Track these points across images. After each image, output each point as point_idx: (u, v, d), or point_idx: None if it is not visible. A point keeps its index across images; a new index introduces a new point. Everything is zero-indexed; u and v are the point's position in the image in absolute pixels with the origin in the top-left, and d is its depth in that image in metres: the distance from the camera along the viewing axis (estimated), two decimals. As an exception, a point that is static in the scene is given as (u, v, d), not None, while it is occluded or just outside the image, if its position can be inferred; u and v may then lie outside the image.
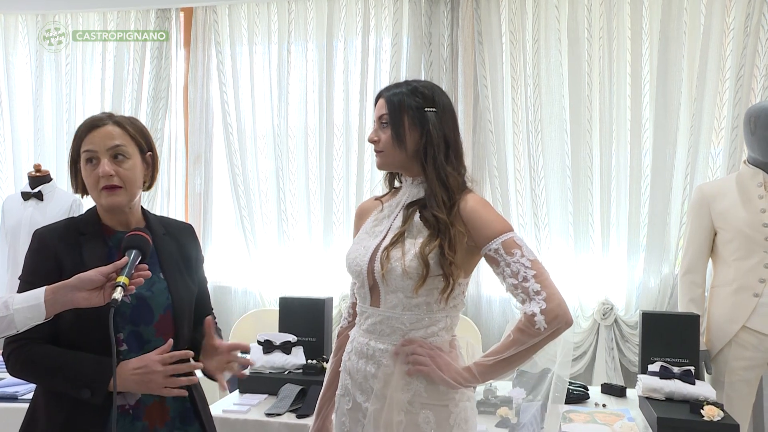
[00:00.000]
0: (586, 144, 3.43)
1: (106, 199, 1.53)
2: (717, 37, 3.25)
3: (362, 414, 1.58)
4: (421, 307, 1.54)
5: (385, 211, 1.66)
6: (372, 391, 1.56)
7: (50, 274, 1.44)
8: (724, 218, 2.58)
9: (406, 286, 1.52)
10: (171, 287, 1.58)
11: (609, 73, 3.41)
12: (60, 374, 1.46)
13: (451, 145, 1.58)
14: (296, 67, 3.86)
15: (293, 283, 3.78)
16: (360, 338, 1.62)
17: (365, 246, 1.62)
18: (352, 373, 1.61)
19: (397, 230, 1.57)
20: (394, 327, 1.55)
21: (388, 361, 1.54)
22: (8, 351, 1.50)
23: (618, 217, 3.45)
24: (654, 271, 3.36)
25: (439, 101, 1.59)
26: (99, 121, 1.55)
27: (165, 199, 4.04)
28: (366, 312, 1.61)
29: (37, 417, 1.52)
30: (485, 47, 3.54)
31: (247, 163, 3.90)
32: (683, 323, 2.50)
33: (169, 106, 4.06)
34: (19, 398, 2.35)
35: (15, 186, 4.13)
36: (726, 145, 3.25)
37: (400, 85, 1.62)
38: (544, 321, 1.44)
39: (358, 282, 1.62)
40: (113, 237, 1.56)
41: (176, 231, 1.69)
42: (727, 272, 2.59)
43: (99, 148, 1.52)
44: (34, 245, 1.54)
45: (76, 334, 1.48)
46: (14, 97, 4.24)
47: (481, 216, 1.53)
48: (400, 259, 1.52)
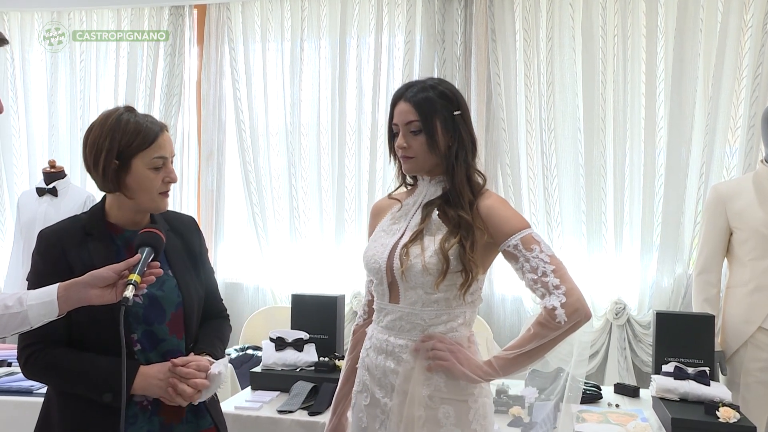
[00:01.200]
0: (599, 142, 3.41)
1: (164, 202, 1.57)
2: (734, 34, 3.22)
3: (380, 410, 1.59)
4: (440, 303, 1.55)
5: (403, 210, 1.67)
6: (391, 387, 1.57)
7: (59, 274, 1.42)
8: (740, 218, 2.56)
9: (425, 282, 1.53)
10: (181, 284, 1.58)
11: (623, 71, 3.38)
12: (80, 379, 1.47)
13: (475, 144, 1.62)
14: (309, 64, 3.86)
15: (305, 280, 3.78)
16: (379, 335, 1.63)
17: (383, 243, 1.63)
18: (371, 369, 1.62)
19: (416, 228, 1.59)
20: (414, 323, 1.57)
21: (408, 356, 1.56)
22: (25, 355, 1.49)
23: (631, 216, 3.43)
24: (667, 271, 3.34)
25: (462, 102, 1.61)
26: (161, 128, 1.55)
27: (178, 195, 4.06)
28: (385, 309, 1.62)
29: (51, 415, 1.53)
30: (498, 45, 3.53)
31: (259, 160, 3.91)
32: (698, 323, 2.47)
33: (182, 103, 4.07)
34: (35, 392, 2.37)
35: (30, 182, 4.16)
36: (742, 144, 3.22)
37: (425, 88, 1.59)
38: (564, 314, 1.46)
39: (377, 279, 1.63)
40: (121, 236, 1.56)
41: (180, 226, 1.69)
42: (743, 272, 2.56)
43: (169, 155, 1.55)
44: (41, 247, 1.53)
45: (90, 335, 1.48)
46: (29, 94, 4.27)
47: (500, 213, 1.55)
48: (420, 255, 1.53)
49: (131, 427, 1.49)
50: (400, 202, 1.70)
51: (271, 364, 2.58)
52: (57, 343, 1.49)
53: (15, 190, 4.20)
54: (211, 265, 1.76)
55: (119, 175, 1.51)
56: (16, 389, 2.39)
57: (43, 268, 1.51)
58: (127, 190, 1.53)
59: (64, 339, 1.49)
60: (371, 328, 1.68)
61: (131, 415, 1.49)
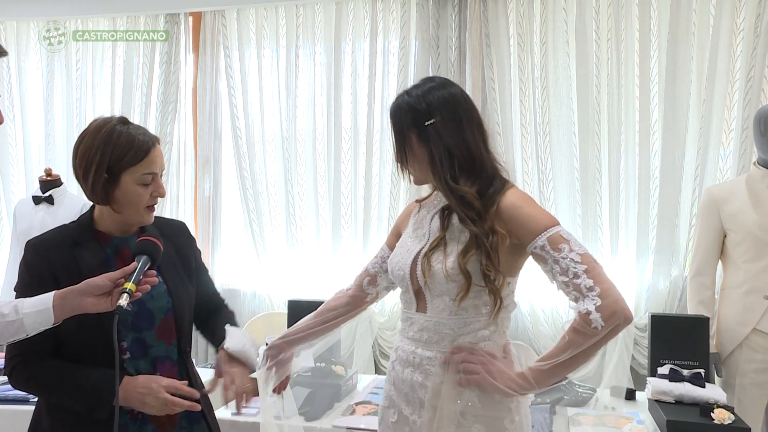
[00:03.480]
0: (594, 146, 3.42)
1: (149, 216, 1.56)
2: (726, 37, 3.24)
3: (409, 428, 1.50)
4: (469, 311, 1.45)
5: (422, 213, 1.60)
6: (419, 403, 1.48)
7: (46, 286, 1.41)
8: (734, 220, 2.57)
9: (450, 289, 1.44)
10: (171, 291, 1.58)
11: (617, 75, 3.40)
12: (65, 390, 1.46)
13: (457, 154, 1.48)
14: (304, 70, 3.87)
15: (302, 285, 3.78)
16: (405, 346, 1.53)
17: (408, 250, 1.55)
18: (397, 384, 1.53)
19: (437, 235, 1.50)
20: (442, 333, 1.47)
21: (437, 369, 1.46)
22: (11, 366, 1.49)
23: (627, 220, 3.43)
24: (663, 274, 3.35)
25: (438, 107, 1.48)
26: (152, 142, 1.53)
27: (174, 203, 4.07)
28: (411, 318, 1.53)
29: (41, 421, 1.53)
30: (493, 49, 3.54)
31: (255, 166, 3.91)
32: (693, 326, 2.48)
33: (178, 110, 4.08)
34: (31, 401, 2.36)
35: (26, 190, 4.16)
36: (736, 147, 3.23)
37: (401, 99, 1.52)
38: (600, 319, 1.32)
39: (403, 287, 1.55)
40: (110, 243, 1.56)
41: (170, 231, 1.67)
42: (737, 274, 2.57)
43: (159, 170, 1.54)
44: (28, 257, 1.53)
45: (79, 344, 1.48)
46: (25, 102, 4.28)
47: (522, 213, 1.43)
48: (442, 262, 1.44)
49: (123, 435, 1.49)
50: (419, 204, 1.64)
51: (267, 370, 2.57)
52: (43, 354, 1.48)
53: (12, 199, 4.20)
54: (205, 265, 1.76)
55: (107, 188, 1.50)
56: (13, 398, 2.39)
57: (28, 278, 1.52)
58: (115, 203, 1.53)
59: (51, 349, 1.49)
60: (398, 340, 1.58)
61: (122, 424, 1.49)
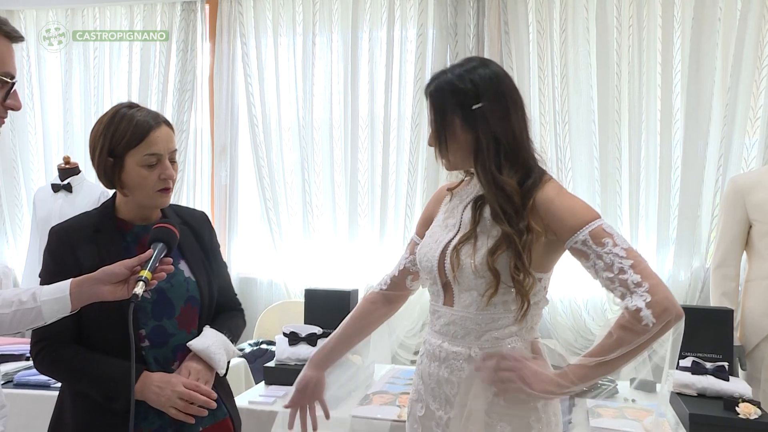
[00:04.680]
0: (614, 135, 3.37)
1: (162, 199, 1.53)
2: (755, 22, 3.16)
3: (435, 423, 1.46)
4: (497, 306, 1.39)
5: (454, 202, 1.51)
6: (445, 399, 1.44)
7: (68, 271, 1.42)
8: (760, 210, 2.52)
9: (479, 284, 1.38)
10: (198, 278, 1.57)
11: (639, 63, 3.34)
12: (85, 378, 1.48)
13: (503, 141, 1.39)
14: (321, 58, 3.85)
15: (318, 274, 3.78)
16: (432, 339, 1.48)
17: (437, 240, 1.48)
18: (425, 378, 1.49)
19: (468, 227, 1.42)
20: (468, 328, 1.41)
21: (463, 364, 1.41)
22: (36, 350, 1.51)
23: (647, 210, 3.39)
24: (684, 265, 3.30)
25: (486, 89, 1.39)
26: (155, 123, 1.51)
27: (191, 191, 4.08)
28: (438, 311, 1.48)
29: (64, 413, 1.54)
30: (512, 37, 3.49)
31: (272, 155, 3.91)
32: (716, 318, 2.43)
33: (195, 99, 4.08)
34: (52, 386, 2.38)
35: (45, 178, 4.19)
36: (762, 136, 3.17)
37: (443, 80, 1.42)
38: (651, 315, 1.24)
39: (431, 279, 1.49)
40: (130, 232, 1.55)
41: (192, 220, 1.67)
42: (763, 266, 2.52)
43: (163, 151, 1.51)
44: (51, 244, 1.54)
45: (99, 332, 1.48)
46: (44, 91, 4.30)
47: (560, 207, 1.35)
48: (471, 256, 1.38)
49: (143, 422, 1.49)
50: (451, 192, 1.56)
51: (284, 359, 2.57)
52: (67, 340, 1.49)
53: (31, 186, 4.24)
54: (224, 260, 1.75)
55: (114, 172, 1.50)
56: (34, 383, 2.41)
57: (52, 265, 1.52)
58: (124, 188, 1.52)
59: (75, 335, 1.50)
60: (426, 333, 1.52)
61: (142, 410, 1.49)
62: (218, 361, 1.53)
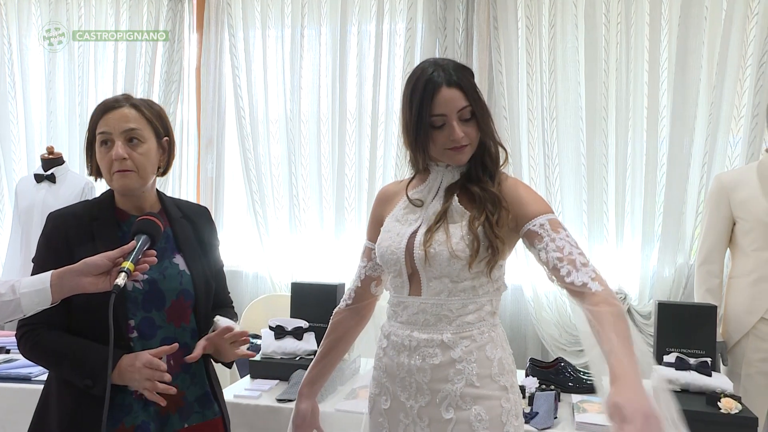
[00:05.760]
0: (601, 132, 3.39)
1: (118, 182, 1.51)
2: (740, 22, 3.19)
3: (404, 413, 1.50)
4: (467, 292, 1.47)
5: (415, 196, 1.57)
6: (416, 387, 1.48)
7: (61, 259, 1.42)
8: (744, 208, 2.54)
9: (452, 270, 1.44)
10: (193, 272, 1.56)
11: (626, 60, 3.35)
12: (66, 362, 1.46)
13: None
14: (309, 51, 3.82)
15: (305, 268, 3.77)
16: (399, 331, 1.51)
17: (398, 233, 1.53)
18: (391, 370, 1.52)
19: (438, 213, 1.49)
20: (440, 315, 1.47)
21: (435, 350, 1.46)
22: (20, 334, 1.50)
23: (633, 206, 3.41)
24: (669, 261, 3.33)
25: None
26: (115, 103, 1.52)
27: (177, 183, 4.04)
28: (404, 302, 1.52)
29: (50, 402, 1.53)
30: (500, 32, 3.49)
31: (259, 147, 3.88)
32: (700, 314, 2.46)
33: (182, 90, 4.04)
34: (33, 380, 2.36)
35: (28, 168, 4.13)
36: (745, 134, 3.19)
37: (460, 68, 1.50)
38: (598, 285, 1.32)
39: (394, 272, 1.53)
40: (127, 222, 1.54)
41: (192, 214, 1.67)
42: (746, 263, 2.55)
43: (114, 131, 1.49)
44: (47, 229, 1.53)
45: (87, 320, 1.47)
46: (27, 80, 4.23)
47: (526, 193, 1.49)
48: (446, 242, 1.44)
49: (127, 416, 1.48)
50: (397, 192, 1.63)
51: (270, 353, 2.57)
52: (53, 326, 1.48)
53: (13, 177, 4.17)
54: (221, 258, 1.74)
55: (93, 158, 1.55)
56: (15, 376, 2.38)
57: (46, 250, 1.52)
58: (98, 172, 1.55)
59: (62, 321, 1.49)
60: (386, 327, 1.56)
61: (126, 404, 1.48)
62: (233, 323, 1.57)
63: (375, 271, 1.67)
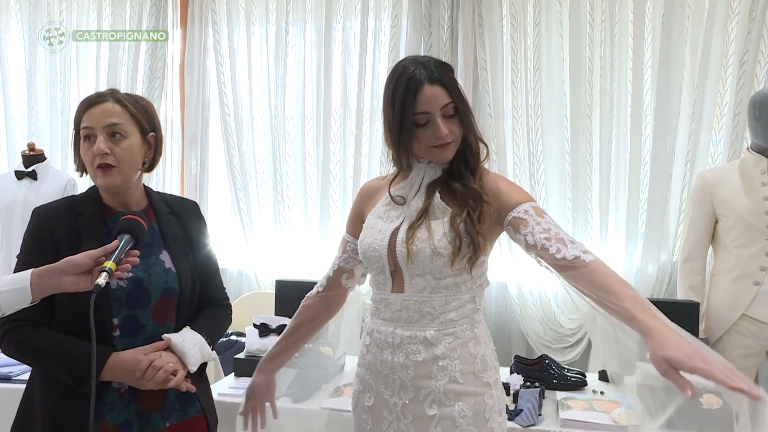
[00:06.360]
0: (586, 129, 3.40)
1: (100, 178, 1.50)
2: (721, 21, 3.22)
3: (388, 410, 1.50)
4: (450, 289, 1.47)
5: (396, 192, 1.57)
6: (400, 384, 1.48)
7: (46, 255, 1.41)
8: (726, 205, 2.56)
9: (435, 267, 1.45)
10: (179, 269, 1.55)
11: (610, 58, 3.37)
12: (51, 360, 1.45)
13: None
14: (294, 48, 3.80)
15: (289, 265, 3.75)
16: (382, 328, 1.52)
17: (381, 230, 1.53)
18: (374, 367, 1.52)
19: (420, 210, 1.49)
20: (423, 312, 1.47)
21: (419, 347, 1.46)
22: (2, 332, 1.47)
23: (617, 204, 3.43)
24: (652, 258, 3.35)
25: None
26: (99, 98, 1.51)
27: (161, 179, 4.00)
28: (386, 299, 1.52)
29: (33, 398, 1.51)
30: (485, 30, 3.50)
31: (243, 144, 3.86)
32: (682, 311, 2.47)
33: (165, 86, 4.00)
34: (13, 379, 2.33)
35: (8, 165, 4.07)
36: (727, 132, 3.23)
37: (441, 65, 1.48)
38: (591, 256, 1.34)
39: (376, 269, 1.53)
40: (113, 218, 1.53)
41: (181, 210, 1.65)
42: (728, 260, 2.57)
43: (96, 125, 1.48)
44: (32, 225, 1.52)
45: (71, 318, 1.46)
46: (7, 75, 4.16)
47: (506, 186, 1.50)
48: (428, 239, 1.44)
49: (110, 413, 1.47)
50: (379, 188, 1.63)
51: (254, 351, 2.55)
52: (37, 323, 1.46)
53: (-7, 174, 4.11)
54: (214, 254, 1.71)
55: (77, 151, 1.54)
56: (-6, 376, 2.35)
57: (31, 246, 1.50)
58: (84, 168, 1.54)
59: (46, 318, 1.47)
60: (369, 324, 1.57)
61: (110, 401, 1.48)
62: (190, 357, 1.50)
63: (348, 263, 1.69)
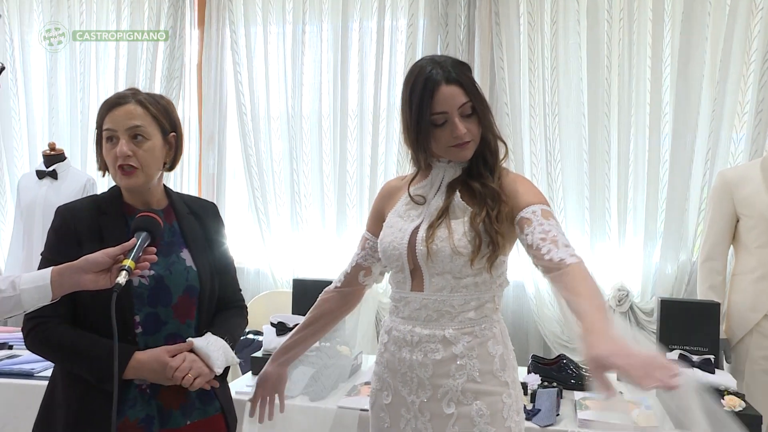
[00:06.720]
0: (603, 128, 3.38)
1: (122, 179, 1.52)
2: (744, 17, 3.17)
3: (406, 409, 1.51)
4: (469, 288, 1.47)
5: (416, 192, 1.57)
6: (418, 382, 1.49)
7: (70, 253, 1.42)
8: (748, 204, 2.53)
9: (455, 266, 1.45)
10: (199, 268, 1.56)
11: (629, 56, 3.34)
12: (75, 358, 1.47)
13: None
14: (311, 47, 3.81)
15: (306, 264, 3.77)
16: (400, 326, 1.52)
17: (401, 229, 1.53)
18: (392, 365, 1.53)
19: (440, 209, 1.49)
20: (442, 311, 1.48)
21: (437, 346, 1.47)
22: (28, 327, 1.49)
23: (635, 203, 3.40)
24: (671, 258, 3.32)
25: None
26: (122, 99, 1.52)
27: (178, 179, 4.03)
28: (406, 298, 1.52)
29: (56, 395, 1.53)
30: (502, 28, 3.48)
31: (260, 144, 3.88)
32: (703, 311, 2.45)
33: (183, 86, 4.03)
34: (36, 375, 2.35)
35: (30, 164, 4.13)
36: (749, 131, 3.18)
37: (458, 64, 1.48)
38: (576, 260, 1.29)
39: (396, 267, 1.54)
40: (132, 216, 1.54)
41: (201, 210, 1.67)
42: (750, 260, 2.54)
43: (118, 128, 1.50)
44: (56, 222, 1.54)
45: (93, 315, 1.47)
46: (29, 76, 4.22)
47: (525, 186, 1.49)
48: (448, 238, 1.45)
49: (131, 409, 1.48)
50: (400, 187, 1.63)
51: (272, 349, 2.55)
52: (62, 319, 1.48)
53: (15, 173, 4.17)
54: (230, 254, 1.72)
55: (99, 150, 1.55)
56: (17, 372, 2.38)
57: (55, 244, 1.52)
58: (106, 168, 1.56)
59: (70, 314, 1.49)
60: (388, 322, 1.57)
61: (131, 398, 1.49)
62: (215, 359, 1.51)
63: (366, 260, 1.70)
